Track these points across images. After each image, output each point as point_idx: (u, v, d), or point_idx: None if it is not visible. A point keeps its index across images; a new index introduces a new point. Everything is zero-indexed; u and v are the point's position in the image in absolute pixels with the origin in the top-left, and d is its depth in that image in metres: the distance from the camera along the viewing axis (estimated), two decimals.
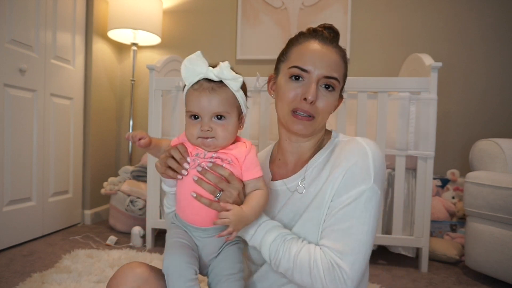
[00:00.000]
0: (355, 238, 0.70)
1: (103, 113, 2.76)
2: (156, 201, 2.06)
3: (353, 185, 0.73)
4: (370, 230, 0.72)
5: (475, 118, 2.51)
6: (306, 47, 0.81)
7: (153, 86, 2.05)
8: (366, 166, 0.74)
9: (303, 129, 0.80)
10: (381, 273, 1.81)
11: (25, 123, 2.06)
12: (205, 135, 0.74)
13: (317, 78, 0.78)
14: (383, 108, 1.84)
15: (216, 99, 0.73)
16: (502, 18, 2.48)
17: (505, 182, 1.61)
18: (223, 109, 0.74)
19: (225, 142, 0.76)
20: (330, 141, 0.86)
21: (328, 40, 0.81)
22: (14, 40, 1.96)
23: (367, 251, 0.72)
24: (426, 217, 1.82)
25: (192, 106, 0.75)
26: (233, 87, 0.75)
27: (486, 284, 1.72)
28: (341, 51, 0.83)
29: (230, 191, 0.74)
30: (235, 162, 0.76)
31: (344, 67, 0.83)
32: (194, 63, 0.75)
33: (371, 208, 0.72)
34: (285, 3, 2.72)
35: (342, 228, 0.71)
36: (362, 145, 0.76)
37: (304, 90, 0.78)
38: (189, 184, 0.75)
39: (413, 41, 2.57)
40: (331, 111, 0.82)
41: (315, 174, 0.82)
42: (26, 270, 1.67)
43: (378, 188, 0.74)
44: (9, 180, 1.96)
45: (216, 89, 0.74)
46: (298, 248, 0.73)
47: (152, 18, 2.57)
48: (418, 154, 1.83)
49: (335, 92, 0.81)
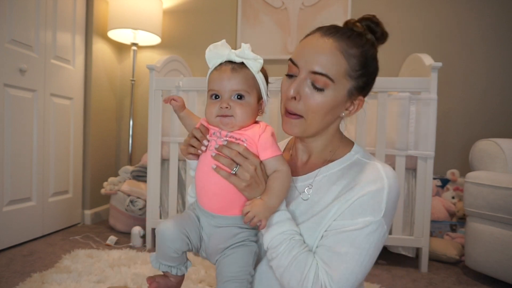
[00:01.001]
0: (347, 267, 0.69)
1: (103, 113, 2.76)
2: (156, 201, 2.06)
3: (360, 213, 0.71)
4: (365, 262, 0.70)
5: (475, 118, 2.51)
6: (305, 39, 0.77)
7: (153, 86, 2.05)
8: (379, 199, 0.71)
9: (290, 129, 0.77)
10: (381, 273, 1.81)
11: (25, 123, 2.06)
12: (223, 113, 0.74)
13: (305, 74, 0.73)
14: (383, 108, 1.84)
15: (236, 78, 0.74)
16: (502, 18, 2.48)
17: (505, 182, 1.61)
18: (242, 88, 0.75)
19: (243, 122, 0.76)
20: (348, 154, 0.81)
21: (332, 32, 0.74)
22: (14, 40, 1.96)
23: (356, 281, 0.70)
24: (426, 217, 1.82)
25: (213, 85, 0.77)
26: (254, 67, 0.75)
27: (486, 284, 1.72)
28: (351, 47, 0.73)
29: (247, 165, 0.72)
30: (250, 141, 0.75)
31: (347, 65, 0.73)
32: (217, 47, 0.76)
33: (372, 241, 0.70)
34: (285, 3, 2.72)
35: (339, 252, 0.70)
36: (381, 176, 0.73)
37: (290, 85, 0.75)
38: (207, 164, 0.77)
39: (413, 41, 2.57)
40: (323, 112, 0.74)
41: (324, 184, 0.79)
42: (26, 270, 1.67)
43: (385, 223, 0.72)
44: (9, 180, 1.96)
45: (237, 69, 0.75)
46: (299, 252, 0.71)
47: (152, 18, 2.57)
48: (418, 154, 1.83)
49: (327, 91, 0.73)
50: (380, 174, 0.74)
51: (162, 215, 2.10)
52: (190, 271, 1.66)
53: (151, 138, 2.06)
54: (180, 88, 2.01)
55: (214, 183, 0.76)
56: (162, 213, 2.11)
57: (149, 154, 2.08)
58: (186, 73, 2.63)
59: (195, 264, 1.75)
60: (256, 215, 0.70)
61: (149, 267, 1.70)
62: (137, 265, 1.72)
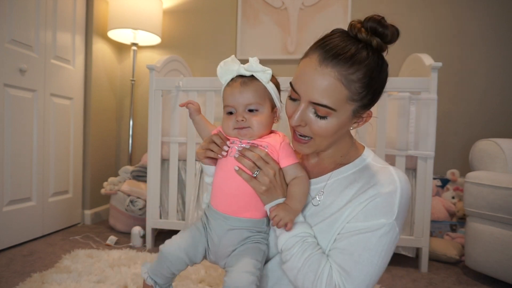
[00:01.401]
0: (362, 268, 0.70)
1: (103, 113, 2.76)
2: (156, 201, 2.06)
3: (374, 215, 0.72)
4: (379, 264, 0.71)
5: (475, 118, 2.51)
6: (304, 63, 0.74)
7: (153, 86, 2.05)
8: (392, 201, 0.72)
9: (302, 150, 0.79)
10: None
11: (25, 123, 2.06)
12: (240, 125, 0.78)
13: (305, 104, 0.73)
14: (383, 108, 1.84)
15: (247, 91, 0.78)
16: (502, 18, 2.48)
17: (505, 182, 1.61)
18: (254, 101, 0.78)
19: (260, 132, 0.80)
20: (360, 158, 0.82)
21: (331, 56, 0.69)
22: (14, 40, 1.96)
23: (371, 283, 0.71)
24: (426, 217, 1.82)
25: (226, 101, 0.80)
26: (263, 79, 0.78)
27: (486, 284, 1.72)
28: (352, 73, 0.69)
29: (268, 170, 0.76)
30: (271, 148, 0.79)
31: (348, 92, 0.70)
32: (227, 64, 0.80)
33: (385, 243, 0.72)
34: (285, 3, 2.72)
35: (353, 254, 0.71)
36: (394, 179, 0.74)
37: (294, 113, 0.75)
38: (227, 167, 0.80)
39: (413, 41, 2.57)
40: (330, 135, 0.75)
41: (336, 188, 0.80)
42: (26, 270, 1.67)
43: (397, 225, 0.73)
44: (9, 180, 1.96)
45: (247, 83, 0.78)
46: (312, 253, 0.73)
47: (152, 18, 2.57)
48: (418, 154, 1.83)
49: (330, 118, 0.72)
50: (393, 177, 0.75)
51: (162, 215, 2.10)
52: (190, 271, 1.66)
53: (151, 138, 2.06)
54: (180, 88, 2.01)
55: (232, 185, 0.79)
56: (162, 213, 2.11)
57: (149, 154, 2.08)
58: (186, 73, 2.63)
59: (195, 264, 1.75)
60: (283, 218, 0.73)
61: None
62: (137, 265, 1.72)
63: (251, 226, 0.80)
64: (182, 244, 0.83)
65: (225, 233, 0.81)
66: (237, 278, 0.75)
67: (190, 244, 0.83)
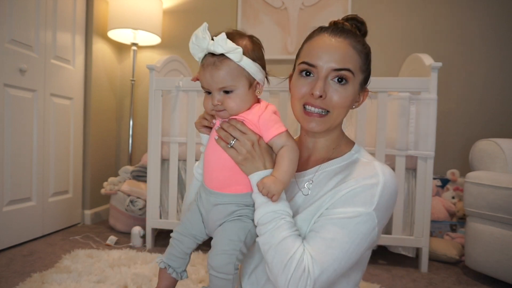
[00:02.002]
0: (332, 252, 0.70)
1: (103, 113, 2.76)
2: (156, 201, 2.06)
3: (352, 203, 0.72)
4: (351, 252, 0.71)
5: (475, 118, 2.51)
6: (315, 41, 0.80)
7: (153, 86, 2.05)
8: (373, 192, 0.73)
9: (316, 127, 0.79)
10: (381, 273, 1.81)
11: (25, 123, 2.06)
12: (216, 109, 0.78)
13: (326, 73, 0.76)
14: (383, 108, 1.84)
15: (218, 75, 0.74)
16: (502, 18, 2.48)
17: (505, 182, 1.61)
18: (227, 83, 0.75)
19: (239, 111, 0.78)
20: (348, 153, 0.83)
21: (341, 32, 0.78)
22: (14, 40, 1.96)
23: (339, 268, 0.71)
24: (426, 217, 1.82)
25: (201, 82, 0.78)
26: (234, 58, 0.73)
27: (486, 284, 1.72)
28: (358, 43, 0.78)
29: (244, 140, 0.75)
30: (249, 123, 0.77)
31: (359, 60, 0.78)
32: (198, 39, 0.74)
33: (361, 232, 0.71)
34: (285, 3, 2.72)
35: (326, 237, 0.71)
36: (377, 172, 0.75)
37: (312, 85, 0.77)
38: (211, 145, 0.82)
39: (413, 41, 2.57)
40: (347, 105, 0.79)
41: (322, 179, 0.81)
42: (26, 270, 1.67)
43: (376, 217, 0.72)
44: (9, 180, 1.96)
45: (217, 64, 0.74)
46: (289, 234, 0.72)
47: (152, 18, 2.57)
48: (418, 154, 1.83)
49: (349, 85, 0.77)
50: (376, 171, 0.75)
51: (162, 215, 2.10)
52: (190, 271, 1.66)
53: (151, 138, 2.06)
54: (180, 88, 2.01)
55: (215, 159, 0.80)
56: (162, 213, 2.11)
57: (149, 154, 2.07)
58: (186, 73, 2.63)
59: (195, 264, 1.75)
60: (269, 190, 0.72)
61: (149, 267, 1.70)
62: (137, 265, 1.72)
63: (237, 201, 0.79)
64: (187, 223, 0.85)
65: (211, 208, 0.81)
66: (214, 258, 0.77)
67: (192, 222, 0.85)
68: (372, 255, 2.04)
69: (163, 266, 0.85)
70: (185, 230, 0.85)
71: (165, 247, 0.88)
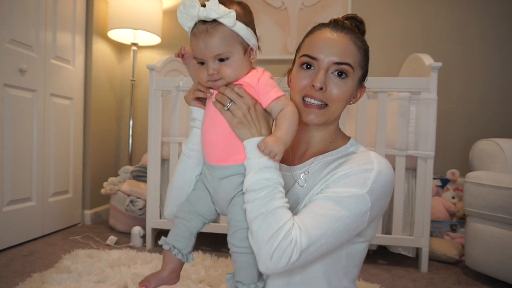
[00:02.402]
0: (321, 227, 0.69)
1: (103, 113, 2.76)
2: (156, 201, 2.06)
3: (345, 184, 0.72)
4: (339, 230, 0.70)
5: (475, 118, 2.51)
6: (317, 35, 0.81)
7: (153, 86, 2.05)
8: (366, 176, 0.72)
9: (315, 119, 0.79)
10: (381, 273, 1.81)
11: (25, 123, 2.06)
12: (212, 79, 0.75)
13: (327, 66, 0.77)
14: (383, 108, 1.84)
15: (212, 42, 0.71)
16: (502, 18, 2.48)
17: (505, 182, 1.61)
18: (222, 50, 0.72)
19: (236, 78, 0.76)
20: (344, 147, 0.84)
21: (342, 28, 0.80)
22: (14, 40, 1.96)
23: (325, 245, 0.70)
24: (426, 217, 1.82)
25: (194, 52, 0.75)
26: (227, 23, 0.71)
27: (486, 284, 1.72)
28: (358, 39, 0.80)
29: (240, 103, 0.74)
30: (247, 86, 0.76)
31: (359, 55, 0.79)
32: (187, 8, 0.71)
33: (352, 211, 0.70)
34: (285, 3, 2.72)
35: (317, 213, 0.71)
36: (371, 160, 0.75)
37: (313, 78, 0.77)
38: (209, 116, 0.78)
39: (413, 41, 2.57)
40: (346, 99, 0.80)
41: (317, 169, 0.81)
42: (26, 270, 1.67)
43: (369, 201, 0.71)
44: (9, 180, 1.96)
45: (210, 31, 0.71)
46: (280, 205, 0.70)
47: (152, 18, 2.57)
48: (418, 154, 1.83)
49: (348, 79, 0.78)
50: (371, 159, 0.76)
51: (162, 215, 2.10)
52: (190, 271, 1.66)
53: (151, 138, 2.06)
54: (180, 88, 2.01)
55: (213, 130, 0.77)
56: (162, 213, 2.11)
57: (149, 154, 2.08)
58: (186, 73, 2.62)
59: (195, 264, 1.75)
60: (272, 150, 0.70)
61: (149, 267, 1.70)
62: (137, 265, 1.72)
63: (241, 171, 0.75)
64: (192, 202, 0.82)
65: (218, 184, 0.78)
66: (233, 236, 0.75)
67: (198, 201, 0.82)
68: (372, 255, 2.05)
69: (168, 247, 0.81)
70: (193, 208, 0.82)
71: None
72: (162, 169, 2.12)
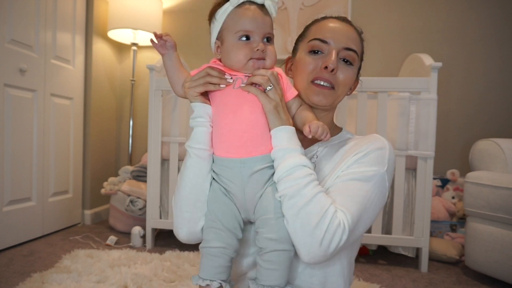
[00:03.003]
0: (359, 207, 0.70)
1: (103, 113, 2.76)
2: (156, 201, 2.06)
3: (367, 163, 0.74)
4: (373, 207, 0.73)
5: (475, 118, 2.51)
6: (325, 23, 0.83)
7: (153, 86, 2.05)
8: (383, 154, 0.75)
9: (323, 99, 0.80)
10: (381, 273, 1.81)
11: (25, 123, 2.06)
12: (259, 55, 0.72)
13: (337, 50, 0.79)
14: (383, 108, 1.84)
15: (268, 20, 0.74)
16: (502, 18, 2.48)
17: (505, 182, 1.61)
18: (271, 30, 0.75)
19: (272, 66, 0.76)
20: (341, 133, 0.88)
21: (346, 20, 0.85)
22: (14, 40, 1.96)
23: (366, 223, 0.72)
24: (426, 217, 1.82)
25: (244, 25, 0.72)
26: (273, 12, 0.76)
27: (486, 284, 1.72)
28: (359, 31, 0.85)
29: (277, 89, 0.73)
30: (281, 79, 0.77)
31: (361, 46, 0.84)
32: None
33: (377, 191, 0.73)
34: (285, 3, 2.72)
35: (351, 194, 0.71)
36: (381, 139, 0.78)
37: (324, 60, 0.79)
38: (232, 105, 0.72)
39: (413, 41, 2.57)
40: (349, 86, 0.83)
41: (327, 153, 0.82)
42: (26, 270, 1.67)
43: (387, 179, 0.75)
44: (9, 180, 1.96)
45: (265, 11, 0.74)
46: (319, 190, 0.69)
47: (152, 18, 2.57)
48: (418, 154, 1.83)
49: (353, 67, 0.82)
50: (381, 138, 0.79)
51: (162, 215, 2.10)
52: (190, 271, 1.66)
53: (151, 138, 2.06)
54: None
55: (241, 121, 0.71)
56: (162, 213, 2.11)
57: (149, 154, 2.07)
58: None
59: (195, 264, 1.75)
60: (324, 129, 0.70)
61: (149, 267, 1.69)
62: (137, 265, 1.72)
63: (269, 161, 0.71)
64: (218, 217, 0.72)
65: (247, 181, 0.71)
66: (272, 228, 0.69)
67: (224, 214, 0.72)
68: (372, 255, 2.05)
69: (217, 285, 0.69)
70: (221, 225, 0.72)
71: (165, 247, 0.85)
72: (162, 169, 2.12)
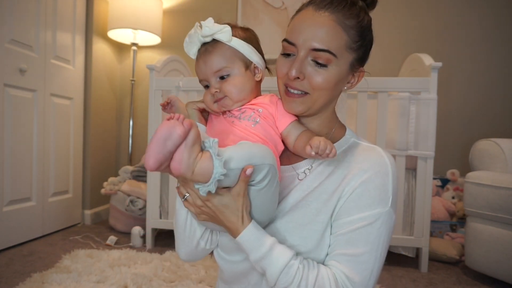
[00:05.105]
0: (366, 267, 0.66)
1: (103, 113, 2.76)
2: (156, 201, 2.06)
3: (368, 205, 0.68)
4: (380, 256, 0.68)
5: (475, 118, 2.51)
6: (298, 18, 0.73)
7: (153, 86, 2.05)
8: (386, 186, 0.68)
9: (295, 107, 0.73)
10: (381, 273, 1.80)
11: (25, 123, 2.06)
12: (216, 98, 0.72)
13: (305, 53, 0.70)
14: (383, 108, 1.84)
15: (211, 59, 0.72)
16: (502, 18, 2.48)
17: (505, 182, 1.61)
18: (220, 66, 0.72)
19: (241, 97, 0.73)
20: (344, 138, 0.78)
21: (326, 5, 0.70)
22: (14, 40, 1.96)
23: (376, 275, 0.69)
24: (426, 217, 1.82)
25: (198, 74, 0.75)
26: (223, 39, 0.71)
27: (486, 284, 1.72)
28: (348, 17, 0.70)
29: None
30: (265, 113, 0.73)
31: (347, 38, 0.70)
32: (191, 37, 0.74)
33: (384, 233, 0.68)
34: (285, 3, 2.72)
35: (355, 254, 0.67)
36: (384, 160, 0.70)
37: (290, 65, 0.71)
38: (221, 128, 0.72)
39: (413, 41, 2.57)
40: (330, 87, 0.71)
41: (324, 169, 0.74)
42: (26, 270, 1.67)
43: (393, 212, 0.69)
44: (9, 180, 1.96)
45: (209, 49, 0.72)
46: (315, 274, 0.66)
47: (152, 18, 2.57)
48: (418, 154, 1.83)
49: (330, 67, 0.70)
50: (383, 158, 0.71)
51: (162, 215, 2.10)
52: (190, 271, 1.66)
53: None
54: (180, 88, 2.01)
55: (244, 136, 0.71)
56: (162, 213, 2.11)
57: None
58: (186, 73, 2.63)
59: (195, 264, 1.75)
60: (322, 141, 0.65)
61: (149, 267, 1.70)
62: (137, 265, 1.72)
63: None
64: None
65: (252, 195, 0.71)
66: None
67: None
68: None
69: None
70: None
71: (165, 247, 0.86)
72: None
